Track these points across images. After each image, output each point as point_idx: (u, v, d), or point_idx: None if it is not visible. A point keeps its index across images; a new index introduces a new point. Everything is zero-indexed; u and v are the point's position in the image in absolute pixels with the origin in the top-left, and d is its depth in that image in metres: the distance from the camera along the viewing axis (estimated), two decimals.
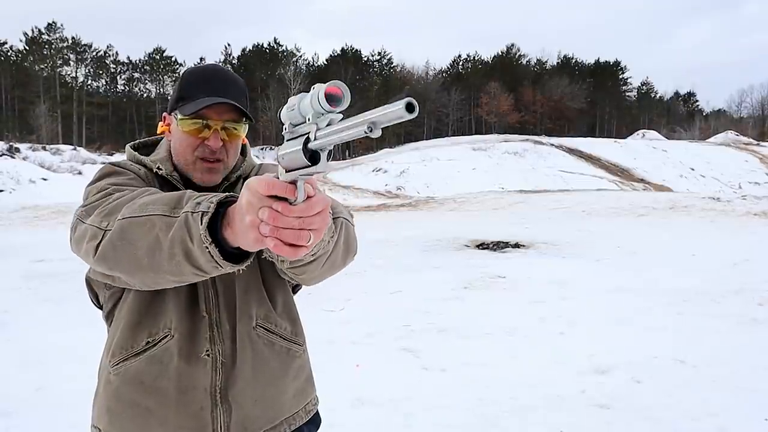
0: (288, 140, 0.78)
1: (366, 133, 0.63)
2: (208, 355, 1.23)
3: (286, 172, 0.77)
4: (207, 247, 0.89)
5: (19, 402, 3.75)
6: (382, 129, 0.64)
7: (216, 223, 0.90)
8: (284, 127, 0.79)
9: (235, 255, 0.92)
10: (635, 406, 3.65)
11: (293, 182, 0.77)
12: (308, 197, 0.78)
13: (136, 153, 1.35)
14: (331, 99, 0.71)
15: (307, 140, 0.73)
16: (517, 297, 6.59)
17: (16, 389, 3.96)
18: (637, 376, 4.12)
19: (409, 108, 0.59)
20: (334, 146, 0.73)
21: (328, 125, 0.71)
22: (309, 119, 0.73)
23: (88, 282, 1.31)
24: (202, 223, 0.89)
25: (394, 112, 0.60)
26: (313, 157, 0.73)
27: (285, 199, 0.77)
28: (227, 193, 0.94)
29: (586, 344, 4.83)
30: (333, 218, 1.08)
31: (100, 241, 1.03)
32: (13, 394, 3.87)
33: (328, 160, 0.74)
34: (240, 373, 1.26)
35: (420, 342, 4.97)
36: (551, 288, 6.96)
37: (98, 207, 1.08)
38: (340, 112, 0.72)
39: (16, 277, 7.67)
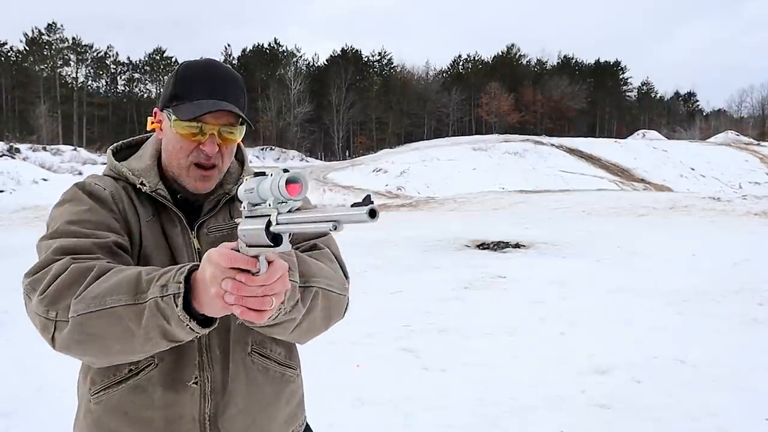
0: (247, 217, 0.82)
1: (330, 230, 0.67)
2: (196, 383, 1.18)
3: (248, 246, 0.81)
4: (187, 324, 0.93)
5: (19, 402, 3.75)
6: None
7: (187, 299, 0.93)
8: (242, 205, 0.83)
9: (203, 320, 0.95)
10: (635, 406, 3.65)
11: (255, 256, 0.82)
12: (268, 263, 0.83)
13: (117, 163, 1.26)
14: (292, 188, 0.75)
15: (269, 223, 0.76)
16: (517, 297, 6.59)
17: (16, 389, 3.96)
18: (637, 376, 4.12)
19: (372, 214, 0.64)
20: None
21: (289, 211, 0.75)
22: (270, 204, 0.77)
23: None
24: (177, 306, 0.91)
25: (357, 215, 0.65)
26: (275, 239, 0.77)
27: (247, 270, 0.82)
28: (189, 264, 0.95)
29: (586, 344, 4.83)
30: (305, 287, 1.09)
31: (54, 333, 1.00)
32: (13, 394, 3.88)
33: (290, 241, 0.78)
34: (231, 400, 1.21)
35: (420, 342, 4.98)
36: (551, 288, 6.97)
37: (40, 282, 1.04)
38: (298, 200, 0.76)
39: (16, 277, 7.67)
